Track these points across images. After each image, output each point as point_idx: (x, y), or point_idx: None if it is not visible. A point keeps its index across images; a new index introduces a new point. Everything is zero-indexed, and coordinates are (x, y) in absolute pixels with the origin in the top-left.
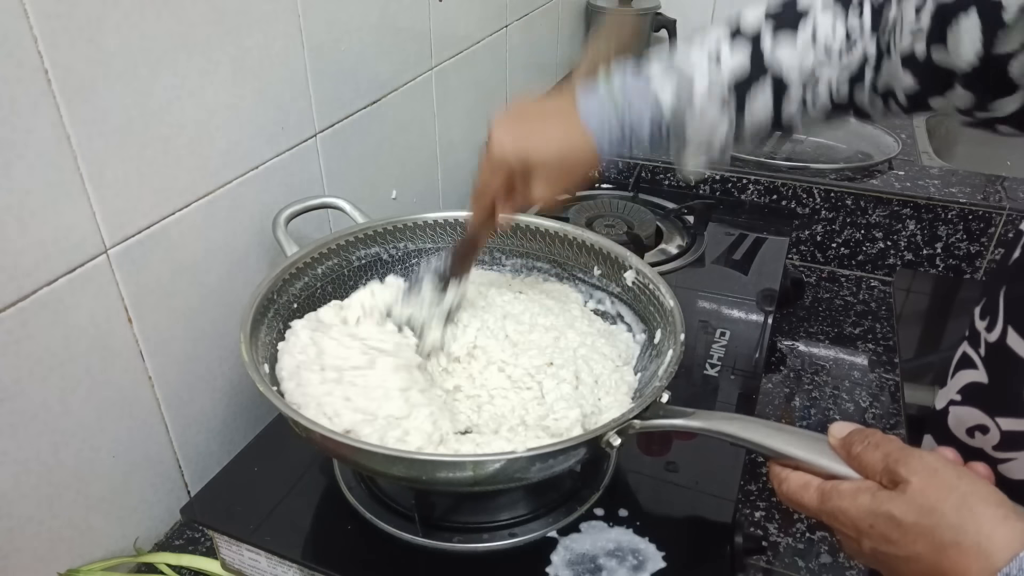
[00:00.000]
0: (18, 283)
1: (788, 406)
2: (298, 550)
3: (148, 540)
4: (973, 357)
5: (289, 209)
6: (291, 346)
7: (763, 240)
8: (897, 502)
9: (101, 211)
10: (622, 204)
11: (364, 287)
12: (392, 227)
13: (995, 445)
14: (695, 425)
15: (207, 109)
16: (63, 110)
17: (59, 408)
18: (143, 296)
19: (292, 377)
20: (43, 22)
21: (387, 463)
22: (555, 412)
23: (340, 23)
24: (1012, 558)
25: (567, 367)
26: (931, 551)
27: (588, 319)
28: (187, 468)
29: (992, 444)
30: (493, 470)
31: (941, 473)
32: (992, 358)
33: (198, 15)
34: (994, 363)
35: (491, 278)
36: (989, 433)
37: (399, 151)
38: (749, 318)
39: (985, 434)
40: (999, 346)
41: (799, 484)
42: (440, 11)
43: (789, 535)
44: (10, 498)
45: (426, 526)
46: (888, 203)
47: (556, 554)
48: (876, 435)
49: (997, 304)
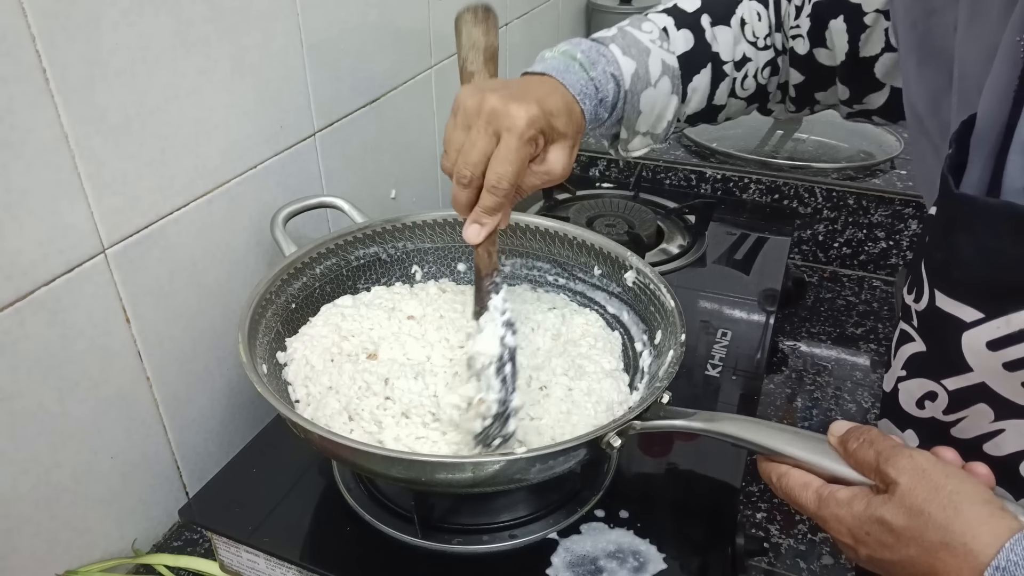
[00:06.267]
0: (16, 283)
1: (790, 407)
2: (297, 552)
3: (146, 541)
4: (909, 331)
5: (287, 208)
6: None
7: (765, 240)
8: (888, 506)
9: (99, 210)
10: (623, 203)
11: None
12: (391, 227)
13: (944, 409)
14: (696, 426)
15: (205, 108)
16: (61, 109)
17: (57, 409)
18: (141, 296)
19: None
20: (41, 20)
21: (386, 464)
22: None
23: (339, 21)
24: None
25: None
26: (922, 553)
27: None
28: (185, 469)
29: (941, 409)
30: (493, 471)
31: (929, 473)
32: (924, 325)
33: (196, 13)
34: (927, 329)
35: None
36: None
37: (398, 150)
38: (750, 318)
39: (934, 401)
40: (929, 312)
41: (799, 483)
42: (439, 9)
43: (791, 536)
44: (8, 499)
45: (425, 527)
46: (890, 202)
47: (556, 555)
48: (871, 432)
49: (920, 276)
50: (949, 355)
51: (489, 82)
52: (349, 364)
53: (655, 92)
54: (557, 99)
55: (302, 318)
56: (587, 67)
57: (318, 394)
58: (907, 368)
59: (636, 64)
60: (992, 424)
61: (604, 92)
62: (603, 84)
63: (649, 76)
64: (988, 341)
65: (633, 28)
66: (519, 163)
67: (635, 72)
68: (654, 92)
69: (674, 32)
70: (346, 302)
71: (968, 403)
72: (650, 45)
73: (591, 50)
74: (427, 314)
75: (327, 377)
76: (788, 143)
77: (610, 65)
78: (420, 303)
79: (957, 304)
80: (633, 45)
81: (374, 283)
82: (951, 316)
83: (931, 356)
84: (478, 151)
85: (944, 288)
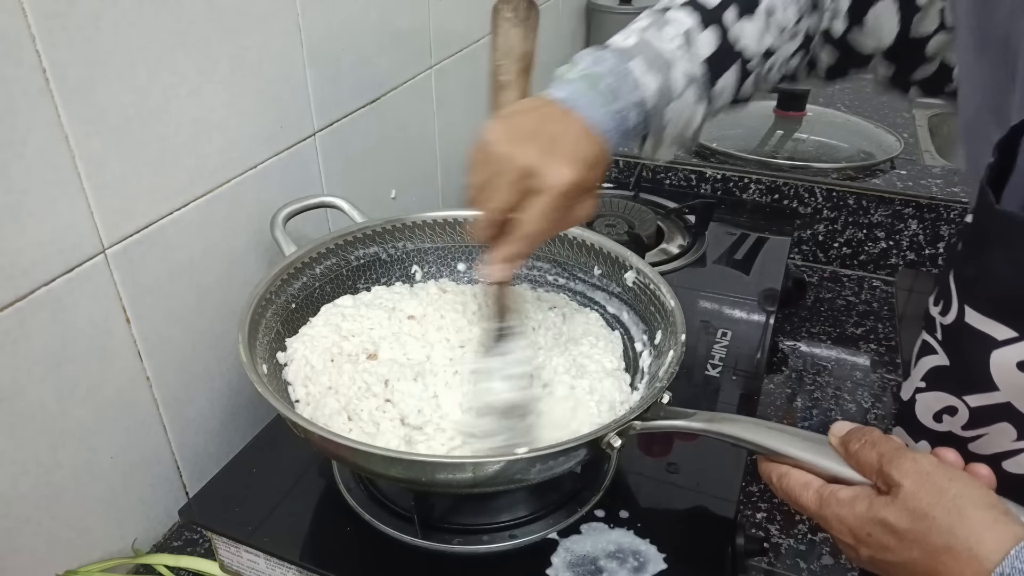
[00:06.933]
0: (15, 283)
1: (790, 407)
2: (297, 552)
3: (146, 541)
4: (932, 343)
5: (287, 208)
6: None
7: (765, 240)
8: (891, 508)
9: (99, 210)
10: (623, 203)
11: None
12: (391, 227)
13: (964, 424)
14: (696, 426)
15: (205, 108)
16: (61, 109)
17: (57, 409)
18: (141, 296)
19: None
20: (41, 21)
21: (386, 464)
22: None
23: (339, 21)
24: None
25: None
26: (925, 556)
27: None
28: (185, 469)
29: (961, 424)
30: (493, 471)
31: (932, 476)
32: (949, 340)
33: (196, 13)
34: (952, 344)
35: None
36: (957, 414)
37: (398, 150)
38: (751, 318)
39: (953, 415)
40: (957, 326)
41: (800, 483)
42: (439, 9)
43: (791, 536)
44: (8, 499)
45: (425, 528)
46: (890, 202)
47: (557, 556)
48: (874, 434)
49: (949, 288)
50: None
51: (519, 120)
52: (349, 364)
53: (680, 104)
54: (589, 147)
55: (302, 318)
56: (611, 98)
57: (318, 394)
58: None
59: (660, 79)
60: (1015, 443)
61: (628, 123)
62: (627, 114)
63: (673, 90)
64: (1020, 361)
65: (655, 35)
66: (551, 224)
67: (659, 88)
68: (679, 104)
69: (698, 35)
70: (346, 302)
71: (990, 421)
72: (674, 55)
73: (614, 74)
74: (427, 314)
75: (327, 377)
76: (788, 143)
77: (634, 92)
78: (420, 303)
79: (988, 321)
80: (656, 58)
81: (374, 283)
82: (980, 333)
83: (954, 371)
84: (508, 203)
85: (975, 304)
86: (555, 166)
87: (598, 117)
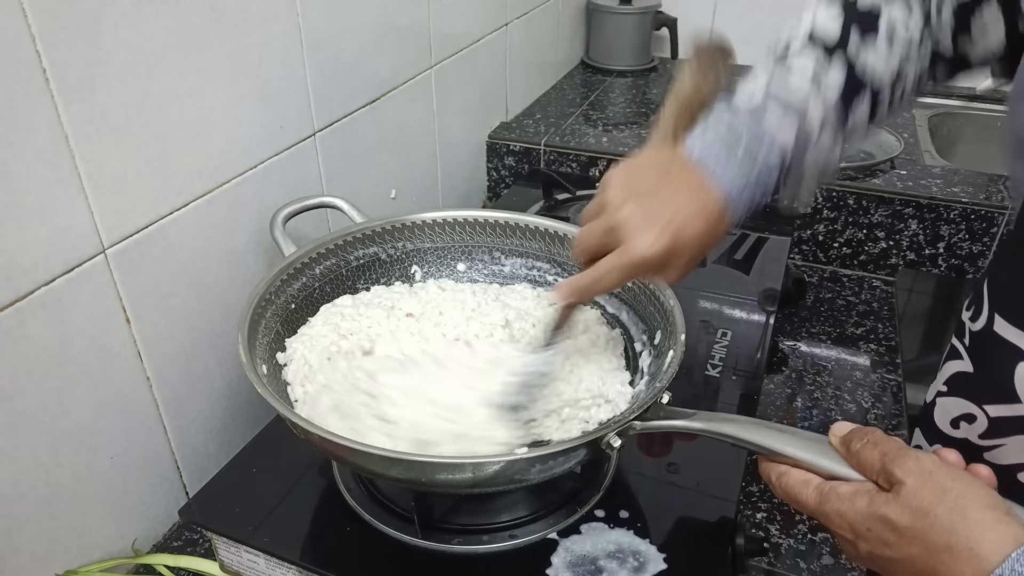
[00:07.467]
0: (15, 283)
1: (790, 407)
2: (297, 552)
3: (146, 541)
4: (959, 348)
5: (287, 208)
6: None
7: (765, 240)
8: (892, 505)
9: (99, 210)
10: None
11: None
12: (391, 227)
13: (981, 433)
14: (696, 426)
15: (205, 108)
16: (61, 109)
17: (57, 409)
18: (141, 296)
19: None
20: (41, 21)
21: (386, 464)
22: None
23: (339, 21)
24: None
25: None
26: (925, 554)
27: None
28: (185, 469)
29: (978, 433)
30: (493, 472)
31: (935, 475)
32: (976, 347)
33: (197, 13)
34: (978, 351)
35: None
36: (976, 422)
37: (398, 150)
38: (751, 318)
39: (971, 423)
40: (985, 334)
41: (800, 480)
42: (440, 9)
43: (791, 536)
44: (8, 499)
45: (425, 528)
46: (890, 202)
47: (556, 556)
48: (876, 434)
49: (981, 294)
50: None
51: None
52: (344, 361)
53: (817, 151)
54: (700, 223)
55: (302, 318)
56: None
57: (314, 392)
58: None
59: (796, 128)
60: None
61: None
62: (764, 177)
63: (810, 139)
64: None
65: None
66: (619, 282)
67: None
68: (816, 151)
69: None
70: (345, 302)
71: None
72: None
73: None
74: (426, 311)
75: (322, 375)
76: None
77: (772, 153)
78: (419, 302)
79: (1017, 332)
80: (789, 108)
81: (374, 283)
82: (1008, 343)
83: (977, 379)
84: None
85: (1005, 313)
86: (647, 234)
87: (730, 181)
